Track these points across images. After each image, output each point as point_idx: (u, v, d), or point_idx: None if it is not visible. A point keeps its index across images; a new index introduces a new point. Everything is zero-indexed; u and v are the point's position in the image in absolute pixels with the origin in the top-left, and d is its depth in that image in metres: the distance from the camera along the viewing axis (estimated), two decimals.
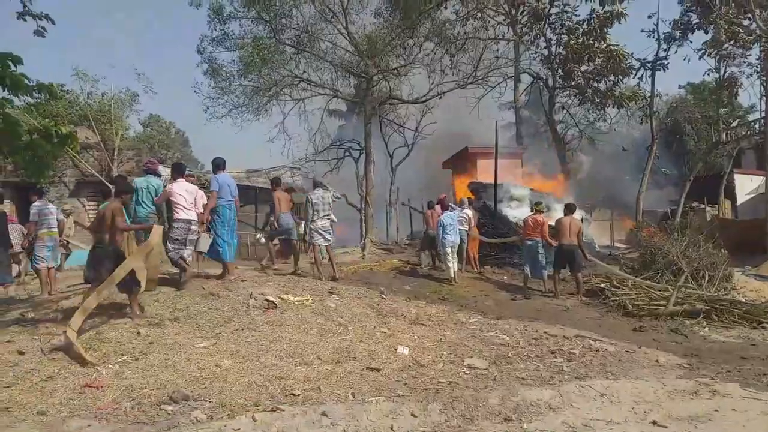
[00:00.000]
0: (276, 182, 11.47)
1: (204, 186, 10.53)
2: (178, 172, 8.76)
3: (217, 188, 8.91)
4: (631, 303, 9.95)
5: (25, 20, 7.05)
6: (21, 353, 5.68)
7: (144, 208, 8.68)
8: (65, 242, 12.97)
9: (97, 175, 18.96)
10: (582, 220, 12.63)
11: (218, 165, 9.15)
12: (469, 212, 13.73)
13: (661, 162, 27.55)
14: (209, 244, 8.96)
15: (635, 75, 21.65)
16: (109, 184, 17.83)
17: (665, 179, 29.21)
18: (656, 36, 21.24)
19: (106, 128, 21.10)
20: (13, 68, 6.11)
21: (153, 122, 34.65)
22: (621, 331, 8.39)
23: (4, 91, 6.18)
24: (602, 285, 11.42)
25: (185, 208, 8.34)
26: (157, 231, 7.03)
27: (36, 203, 9.57)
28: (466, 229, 13.30)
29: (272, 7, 18.04)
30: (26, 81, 6.15)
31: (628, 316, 9.56)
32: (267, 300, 7.73)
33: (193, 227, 8.49)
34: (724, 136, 24.89)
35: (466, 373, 5.74)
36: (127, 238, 8.12)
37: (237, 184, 9.70)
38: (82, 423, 4.21)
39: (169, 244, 8.33)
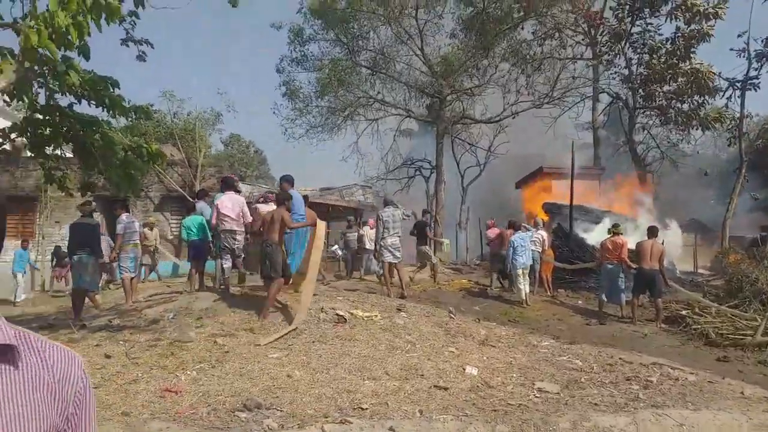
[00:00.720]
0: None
1: (267, 202, 10.94)
2: (226, 185, 9.28)
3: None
4: (715, 332, 9.46)
5: (128, 46, 7.59)
6: (108, 357, 6.05)
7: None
8: (151, 251, 13.69)
9: (180, 190, 19.90)
10: (663, 243, 12.14)
11: (289, 181, 9.47)
12: (543, 233, 13.49)
13: (751, 186, 26.07)
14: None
15: (723, 95, 20.71)
16: (191, 199, 18.71)
17: (754, 204, 27.59)
18: (746, 54, 20.25)
19: (190, 146, 22.20)
20: (111, 90, 6.61)
21: (234, 141, 36.11)
22: (703, 361, 7.98)
23: (103, 111, 6.68)
24: (683, 312, 10.91)
25: (231, 218, 8.97)
26: (322, 225, 8.57)
27: (123, 217, 10.21)
28: (540, 251, 13.06)
29: (350, 30, 18.56)
30: (123, 103, 6.63)
31: (710, 346, 9.08)
32: (337, 314, 7.87)
33: (238, 237, 9.12)
34: None
35: (537, 397, 5.63)
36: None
37: (311, 201, 10.06)
38: (161, 425, 4.42)
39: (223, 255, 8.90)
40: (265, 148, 45.55)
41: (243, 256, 9.43)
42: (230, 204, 9.11)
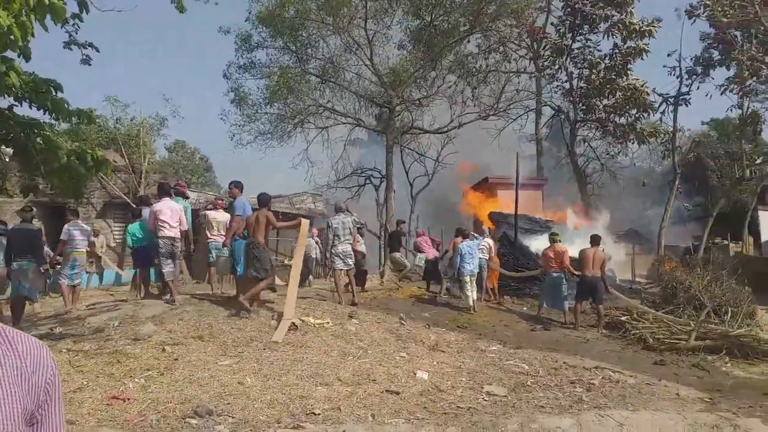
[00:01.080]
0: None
1: (227, 209, 10.83)
2: (162, 191, 9.35)
3: (241, 212, 9.12)
4: (652, 337, 9.90)
5: (71, 49, 7.38)
6: None
7: None
8: (93, 261, 13.24)
9: (124, 197, 19.37)
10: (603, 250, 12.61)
11: (239, 187, 9.41)
12: (489, 241, 13.78)
13: (684, 197, 27.37)
14: (230, 266, 9.35)
15: (657, 110, 21.73)
16: (134, 205, 18.21)
17: (687, 214, 28.98)
18: (678, 73, 21.35)
19: (134, 152, 21.63)
20: (54, 93, 6.42)
21: (178, 147, 35.37)
22: (641, 365, 8.34)
23: (44, 114, 6.48)
24: (623, 318, 11.36)
25: (170, 226, 8.92)
26: (306, 224, 9.18)
27: (68, 223, 9.89)
28: (487, 258, 13.34)
29: (298, 38, 18.53)
30: (66, 106, 6.45)
31: (648, 350, 9.51)
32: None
33: (177, 243, 9.11)
34: (748, 172, 24.73)
35: (485, 400, 5.77)
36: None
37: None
38: None
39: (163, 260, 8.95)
40: (211, 155, 44.86)
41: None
42: (169, 211, 8.99)
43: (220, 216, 10.51)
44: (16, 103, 6.22)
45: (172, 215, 8.97)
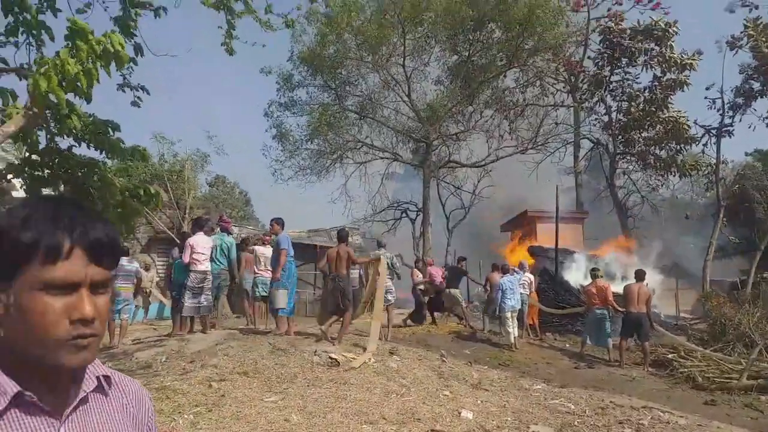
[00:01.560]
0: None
1: (265, 244, 11.13)
2: (197, 226, 9.50)
3: (287, 246, 9.31)
4: (701, 375, 9.61)
5: (124, 92, 7.73)
6: None
7: (217, 264, 9.29)
8: (146, 293, 13.56)
9: (168, 232, 19.88)
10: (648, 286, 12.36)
11: (280, 223, 9.64)
12: (530, 276, 13.65)
13: (729, 230, 26.67)
14: (286, 300, 9.52)
15: (699, 142, 21.41)
16: (178, 240, 18.64)
17: (733, 248, 28.16)
18: (719, 105, 21.06)
19: (177, 187, 22.26)
20: (111, 134, 6.73)
21: (219, 182, 36.19)
22: (691, 404, 8.10)
23: (101, 154, 6.79)
24: (669, 356, 11.06)
25: (201, 261, 9.21)
26: (384, 261, 9.90)
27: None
28: (527, 293, 13.19)
29: (338, 76, 18.99)
30: (122, 146, 6.75)
31: (697, 389, 9.23)
32: (330, 358, 7.89)
33: (209, 277, 9.35)
34: None
35: None
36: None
37: (299, 243, 10.23)
38: None
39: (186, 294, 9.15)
40: (249, 189, 45.66)
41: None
42: (202, 245, 9.27)
43: (268, 251, 10.71)
44: (75, 144, 6.55)
45: (204, 249, 9.24)
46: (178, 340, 9.17)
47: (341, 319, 9.23)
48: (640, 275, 11.62)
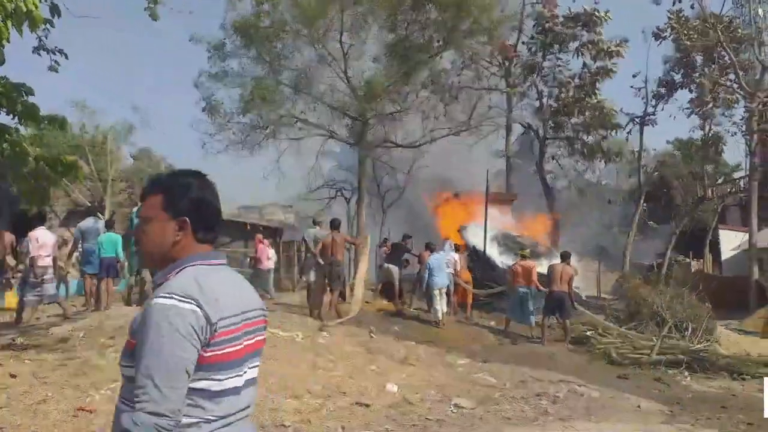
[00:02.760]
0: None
1: None
2: (40, 219, 9.24)
3: None
4: (616, 351, 10.11)
5: (40, 55, 7.28)
6: (13, 376, 5.73)
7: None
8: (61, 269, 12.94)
9: (89, 204, 19.03)
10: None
11: None
12: (455, 255, 13.85)
13: (650, 215, 28.03)
14: None
15: (624, 129, 22.31)
16: (100, 215, 17.89)
17: (653, 232, 29.66)
18: (644, 94, 22.01)
19: (99, 159, 21.28)
20: (25, 98, 6.35)
21: (144, 156, 34.78)
22: (605, 378, 8.53)
23: (14, 119, 6.39)
24: (588, 333, 11.57)
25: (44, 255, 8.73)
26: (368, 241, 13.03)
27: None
28: (452, 272, 13.37)
29: (272, 48, 18.51)
30: (38, 111, 6.38)
31: (612, 364, 9.71)
32: None
33: (50, 271, 8.84)
34: (709, 192, 25.47)
35: (453, 412, 5.85)
36: None
37: (231, 221, 10.03)
38: None
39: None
40: (178, 164, 44.15)
41: None
42: (48, 240, 8.96)
43: None
44: None
45: (47, 244, 8.84)
46: (97, 314, 8.86)
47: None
48: (565, 256, 12.04)
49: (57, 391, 5.37)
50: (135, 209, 9.83)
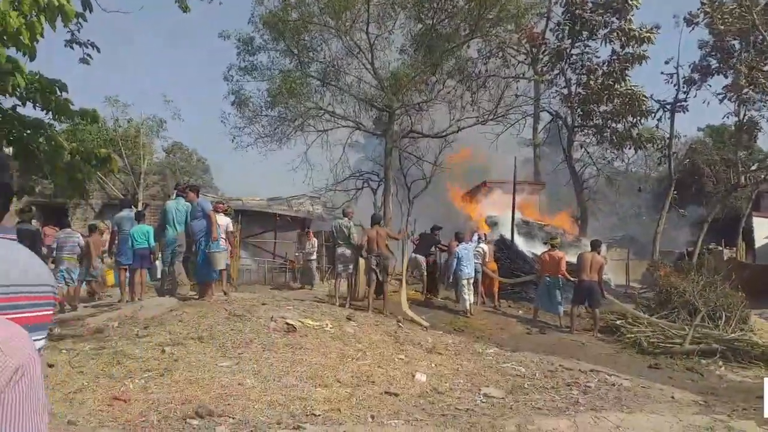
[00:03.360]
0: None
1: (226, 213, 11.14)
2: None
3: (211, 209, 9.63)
4: (647, 341, 9.99)
5: (72, 48, 7.42)
6: (50, 365, 5.89)
7: (173, 229, 9.17)
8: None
9: (123, 197, 19.39)
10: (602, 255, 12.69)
11: (195, 190, 9.78)
12: (484, 246, 13.79)
13: (680, 203, 27.54)
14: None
15: (654, 116, 21.88)
16: (133, 207, 18.19)
17: (683, 220, 29.13)
18: (675, 80, 21.53)
19: (132, 153, 21.66)
20: (58, 94, 6.48)
21: (176, 149, 35.33)
22: (636, 368, 8.44)
23: (47, 115, 6.53)
24: (617, 322, 11.45)
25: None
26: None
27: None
28: (480, 263, 13.36)
29: (300, 41, 18.61)
30: (71, 106, 6.50)
31: (643, 354, 9.59)
32: (287, 323, 7.90)
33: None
34: (743, 179, 24.89)
35: (483, 402, 5.84)
36: None
37: (258, 211, 10.22)
38: None
39: None
40: (208, 157, 44.81)
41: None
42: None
43: (221, 220, 10.57)
44: (20, 103, 6.27)
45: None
46: (131, 305, 9.06)
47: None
48: (595, 245, 11.92)
49: (92, 380, 5.50)
50: (171, 201, 10.04)
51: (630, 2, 19.99)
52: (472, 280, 12.45)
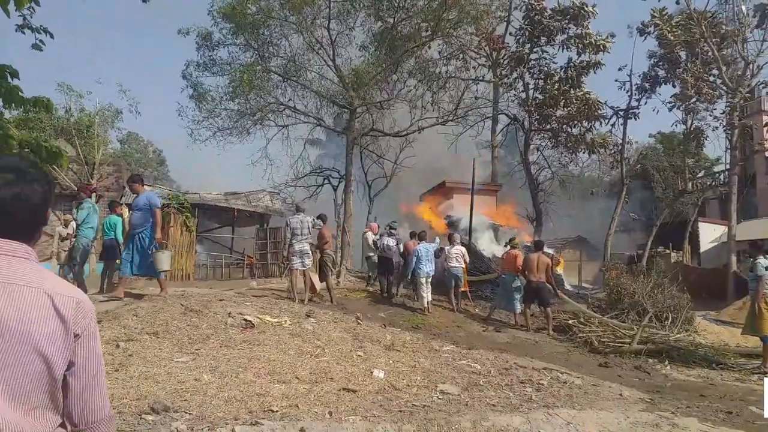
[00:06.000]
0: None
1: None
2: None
3: (155, 204, 9.15)
4: (598, 340, 10.31)
5: (23, 33, 7.17)
6: None
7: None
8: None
9: (74, 187, 18.84)
10: (552, 258, 12.99)
11: (137, 181, 9.24)
12: (462, 249, 13.64)
13: (630, 207, 28.37)
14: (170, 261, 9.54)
15: (608, 122, 22.50)
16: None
17: (633, 224, 30.06)
18: (628, 87, 22.21)
19: (85, 142, 21.05)
20: (9, 80, 6.25)
21: (131, 140, 34.50)
22: (587, 366, 8.69)
23: None
24: (570, 321, 11.77)
25: None
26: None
27: None
28: (462, 265, 13.29)
29: (260, 36, 18.39)
30: (21, 94, 6.28)
31: (594, 353, 9.89)
32: (245, 319, 7.84)
33: None
34: (690, 185, 25.85)
35: (439, 398, 5.93)
36: None
37: (216, 206, 10.08)
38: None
39: None
40: (165, 150, 43.80)
41: None
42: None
43: None
44: None
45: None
46: None
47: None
48: (538, 245, 12.22)
49: None
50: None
51: (586, 9, 20.46)
52: (429, 279, 12.58)
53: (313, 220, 11.28)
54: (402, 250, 13.65)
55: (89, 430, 1.53)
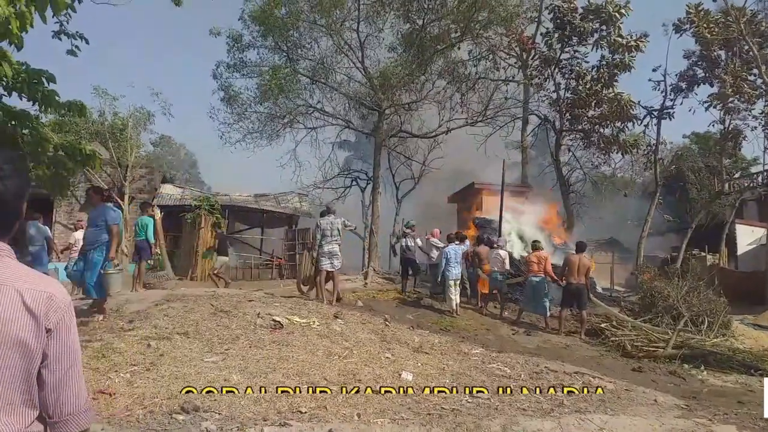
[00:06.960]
0: None
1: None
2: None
3: (113, 221, 8.07)
4: (631, 344, 10.10)
5: (60, 39, 7.32)
6: None
7: None
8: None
9: (109, 190, 19.22)
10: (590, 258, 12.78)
11: (98, 192, 8.65)
12: (503, 253, 13.36)
13: (664, 209, 27.78)
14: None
15: (641, 123, 22.07)
16: (119, 200, 18.07)
17: (667, 226, 29.42)
18: (662, 88, 21.76)
19: (119, 145, 21.47)
20: (45, 85, 6.39)
21: (164, 142, 35.11)
22: (620, 371, 8.51)
23: (33, 106, 6.44)
24: (602, 325, 11.55)
25: None
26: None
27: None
28: (504, 271, 13.14)
29: (290, 38, 18.53)
30: (57, 98, 6.41)
31: (627, 357, 9.70)
32: (274, 320, 7.88)
33: None
34: (726, 186, 25.19)
35: (469, 401, 5.86)
36: None
37: (245, 207, 10.16)
38: (96, 427, 4.32)
39: None
40: (196, 152, 44.53)
41: None
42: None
43: None
44: (6, 93, 6.18)
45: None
46: (116, 298, 8.97)
47: None
48: (581, 247, 11.99)
49: None
50: None
51: (620, 12, 20.11)
52: (459, 281, 12.49)
53: (343, 221, 11.30)
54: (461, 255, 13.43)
55: (64, 422, 1.56)
